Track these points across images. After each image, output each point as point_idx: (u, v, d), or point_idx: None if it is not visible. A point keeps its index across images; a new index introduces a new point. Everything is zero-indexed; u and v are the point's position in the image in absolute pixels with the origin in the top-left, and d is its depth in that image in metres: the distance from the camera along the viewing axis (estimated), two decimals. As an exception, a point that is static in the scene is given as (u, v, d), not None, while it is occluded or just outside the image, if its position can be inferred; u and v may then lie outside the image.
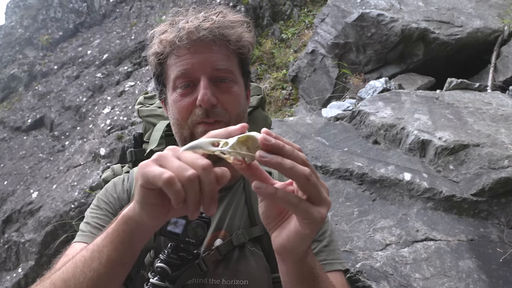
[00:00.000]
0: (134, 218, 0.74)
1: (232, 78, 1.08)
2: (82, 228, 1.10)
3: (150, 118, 1.51)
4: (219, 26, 1.04)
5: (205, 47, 1.03)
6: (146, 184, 0.66)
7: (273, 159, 0.63)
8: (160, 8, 10.23)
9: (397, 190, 2.57)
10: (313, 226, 0.68)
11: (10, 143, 9.45)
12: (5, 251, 7.01)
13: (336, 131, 3.33)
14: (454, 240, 2.22)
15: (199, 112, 1.03)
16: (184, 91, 1.06)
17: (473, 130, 2.80)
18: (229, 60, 1.07)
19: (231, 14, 1.10)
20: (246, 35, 1.10)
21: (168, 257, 0.96)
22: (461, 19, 4.71)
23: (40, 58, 11.48)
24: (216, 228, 1.08)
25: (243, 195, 1.15)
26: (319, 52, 5.62)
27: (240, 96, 1.11)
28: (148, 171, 0.64)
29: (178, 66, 1.05)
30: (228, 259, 1.04)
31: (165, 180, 0.62)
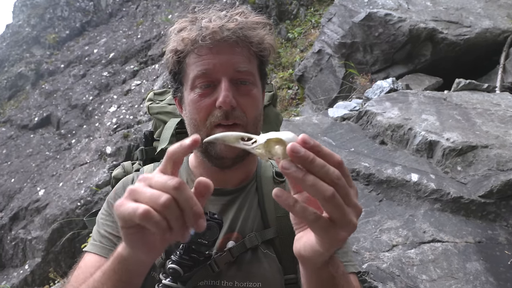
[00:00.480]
0: (127, 257, 0.74)
1: (252, 81, 1.06)
2: (94, 235, 1.10)
3: (161, 115, 1.49)
4: (242, 27, 1.02)
5: (228, 48, 1.01)
6: (125, 224, 0.65)
7: (293, 174, 0.60)
8: (167, 7, 10.25)
9: (404, 191, 2.55)
10: (329, 246, 0.65)
11: (17, 141, 9.53)
12: (12, 248, 7.07)
13: (342, 131, 3.32)
14: (461, 242, 2.20)
15: (218, 114, 1.01)
16: (203, 91, 1.03)
17: (482, 131, 2.78)
18: (250, 62, 1.05)
19: (253, 15, 1.08)
20: (268, 37, 1.08)
21: (180, 258, 0.96)
22: (469, 19, 4.67)
23: (47, 57, 11.57)
24: (228, 230, 1.07)
25: (256, 197, 1.13)
26: (325, 51, 5.60)
27: (259, 99, 1.09)
28: (123, 210, 0.63)
29: (199, 65, 1.02)
30: (240, 261, 1.03)
31: (140, 215, 0.60)
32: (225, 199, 1.11)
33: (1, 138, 9.74)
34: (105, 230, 1.07)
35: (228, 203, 1.11)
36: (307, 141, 0.60)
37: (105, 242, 1.06)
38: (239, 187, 1.13)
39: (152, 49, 9.54)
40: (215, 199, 1.11)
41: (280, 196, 0.63)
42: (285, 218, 1.05)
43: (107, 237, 1.06)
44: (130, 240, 0.68)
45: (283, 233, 1.06)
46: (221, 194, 1.12)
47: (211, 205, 1.10)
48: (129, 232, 0.66)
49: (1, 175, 8.71)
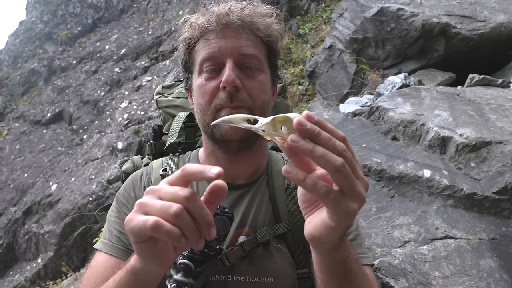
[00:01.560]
0: (141, 270, 0.74)
1: (258, 66, 1.06)
2: (105, 233, 1.11)
3: (169, 109, 1.49)
4: (249, 14, 1.04)
5: (233, 31, 1.03)
6: (137, 239, 0.65)
7: (303, 146, 0.60)
8: (177, 3, 10.27)
9: (416, 187, 2.53)
10: (340, 220, 0.65)
11: (30, 136, 9.66)
12: (25, 241, 7.19)
13: (354, 126, 3.30)
14: (475, 239, 2.17)
15: (223, 95, 1.01)
16: (209, 75, 1.04)
17: (496, 127, 2.74)
18: (256, 48, 1.05)
19: (262, 6, 1.09)
20: (275, 25, 1.09)
21: (191, 253, 0.96)
22: (484, 13, 4.59)
23: (59, 53, 11.69)
24: (239, 225, 1.06)
25: (267, 190, 1.12)
26: (337, 47, 5.56)
27: (266, 84, 1.08)
28: (134, 225, 0.63)
29: (205, 49, 1.03)
30: (252, 256, 1.02)
31: (151, 227, 0.60)
32: (236, 193, 1.11)
33: (15, 134, 9.89)
34: (114, 228, 1.08)
35: (239, 197, 1.10)
36: (311, 116, 0.61)
37: (115, 241, 1.06)
38: (249, 181, 1.13)
39: (163, 45, 9.58)
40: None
41: (290, 172, 0.63)
42: (297, 212, 1.04)
43: (117, 235, 1.06)
44: (143, 254, 0.69)
45: (295, 227, 1.05)
46: (232, 188, 1.10)
47: None
48: (143, 246, 0.66)
49: (15, 170, 8.85)
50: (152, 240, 0.65)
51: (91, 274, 1.01)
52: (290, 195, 1.09)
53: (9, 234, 7.46)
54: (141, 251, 0.68)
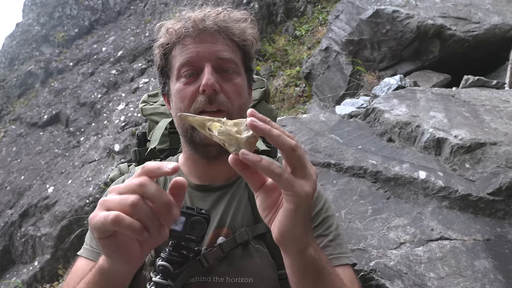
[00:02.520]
0: (108, 269, 0.75)
1: (235, 70, 1.09)
2: (86, 240, 1.12)
3: (153, 116, 1.52)
4: (223, 20, 1.06)
5: (210, 36, 1.05)
6: (100, 234, 0.66)
7: (262, 125, 0.64)
8: (174, 5, 10.27)
9: (412, 189, 2.54)
10: (297, 201, 0.67)
11: (26, 138, 9.63)
12: (22, 244, 7.16)
13: (350, 128, 3.31)
14: (469, 240, 2.19)
15: (202, 99, 1.03)
16: (188, 79, 1.06)
17: (490, 128, 2.76)
18: (233, 52, 1.08)
19: (236, 11, 1.12)
20: (250, 30, 1.12)
21: (169, 255, 0.97)
22: (478, 15, 4.63)
23: (56, 55, 11.66)
24: (218, 226, 1.07)
25: (246, 192, 1.13)
26: (333, 49, 5.58)
27: (243, 88, 1.11)
28: (96, 221, 0.64)
29: (183, 55, 1.06)
30: (231, 257, 1.03)
31: (112, 221, 0.62)
32: (214, 195, 1.12)
33: (11, 136, 9.85)
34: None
35: (217, 199, 1.11)
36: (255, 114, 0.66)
37: (94, 245, 1.08)
38: (227, 183, 1.14)
39: (159, 47, 9.57)
40: (203, 196, 1.12)
41: (246, 154, 0.65)
42: None
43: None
44: (108, 250, 0.69)
45: None
46: (210, 190, 1.13)
47: (200, 201, 1.11)
48: (106, 242, 0.67)
49: (11, 172, 8.81)
50: (114, 235, 0.66)
51: (71, 279, 1.02)
52: None
53: (6, 236, 7.43)
54: (105, 247, 0.68)
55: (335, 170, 2.83)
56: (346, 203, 2.54)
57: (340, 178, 2.76)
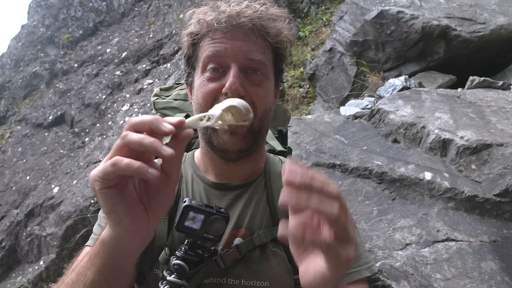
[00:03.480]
0: (111, 234, 0.71)
1: (264, 72, 1.02)
2: (95, 230, 1.09)
3: (166, 111, 1.48)
4: (260, 17, 0.99)
5: (242, 34, 0.98)
6: (102, 184, 0.65)
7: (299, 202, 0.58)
8: (178, 7, 10.30)
9: (418, 190, 2.54)
10: (340, 268, 0.63)
11: (32, 139, 9.69)
12: (28, 244, 7.20)
13: (354, 129, 3.31)
14: (476, 241, 2.18)
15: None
16: (212, 75, 1.00)
17: (496, 130, 2.75)
18: (264, 53, 1.01)
19: (274, 7, 1.05)
20: (286, 31, 1.05)
21: (185, 253, 0.93)
22: (484, 15, 4.61)
23: (61, 57, 11.73)
24: (235, 226, 1.03)
25: (265, 193, 1.09)
26: (337, 50, 5.57)
27: (269, 92, 1.05)
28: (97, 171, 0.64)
29: (211, 47, 0.99)
30: (248, 259, 1.00)
31: (111, 163, 0.62)
32: (232, 194, 1.08)
33: (17, 137, 9.91)
34: (104, 223, 1.04)
35: (235, 199, 1.08)
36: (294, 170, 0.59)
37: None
38: (245, 182, 1.10)
39: (164, 48, 9.61)
40: (220, 194, 1.08)
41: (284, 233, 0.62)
42: None
43: None
44: (111, 203, 0.66)
45: None
46: (227, 189, 1.09)
47: (217, 200, 1.08)
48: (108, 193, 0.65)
49: (17, 173, 8.86)
50: (118, 187, 0.65)
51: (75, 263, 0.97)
52: None
53: (12, 236, 7.47)
54: (107, 199, 0.66)
55: (340, 171, 2.83)
56: (351, 204, 2.54)
57: (345, 179, 2.76)
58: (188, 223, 0.90)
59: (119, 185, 0.66)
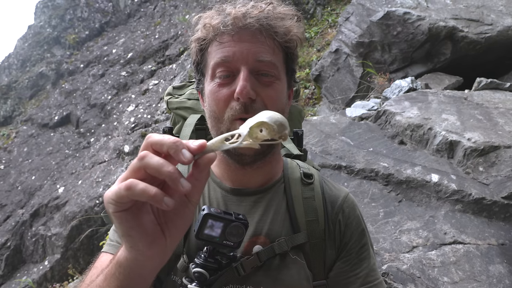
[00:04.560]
0: (128, 256, 0.68)
1: (275, 73, 0.99)
2: (110, 236, 1.07)
3: (180, 111, 1.44)
4: (267, 16, 0.96)
5: (250, 36, 0.95)
6: (117, 207, 0.61)
7: None
8: (184, 7, 10.33)
9: (424, 192, 2.52)
10: None
11: (38, 139, 9.74)
12: (33, 244, 7.24)
13: (360, 131, 3.29)
14: (484, 244, 2.16)
15: (237, 106, 0.95)
16: (222, 81, 0.97)
17: (504, 131, 2.72)
18: (274, 54, 0.98)
19: (282, 6, 1.02)
20: (295, 29, 1.01)
21: (205, 261, 0.92)
22: (491, 17, 4.58)
23: (67, 57, 11.80)
24: (254, 233, 1.02)
25: (284, 199, 1.07)
26: (343, 51, 5.56)
27: (282, 93, 1.02)
28: (110, 193, 0.61)
29: (219, 53, 0.97)
30: (268, 266, 0.99)
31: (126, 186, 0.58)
32: (250, 200, 1.06)
33: (23, 136, 9.98)
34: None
35: (253, 204, 1.06)
36: None
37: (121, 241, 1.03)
38: (264, 188, 1.08)
39: (170, 49, 9.64)
40: (238, 200, 1.06)
41: None
42: (316, 222, 1.02)
43: None
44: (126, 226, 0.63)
45: (314, 238, 1.01)
46: (245, 194, 1.07)
47: (235, 206, 1.06)
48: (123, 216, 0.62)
49: (23, 173, 8.92)
50: (133, 210, 0.62)
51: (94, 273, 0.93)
52: (308, 205, 1.05)
53: (17, 236, 7.51)
54: (122, 223, 0.63)
55: (346, 172, 2.81)
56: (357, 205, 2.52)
57: (351, 180, 2.74)
58: (207, 231, 0.89)
59: (134, 208, 0.63)
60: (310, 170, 1.16)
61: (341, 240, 1.04)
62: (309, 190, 1.07)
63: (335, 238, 1.03)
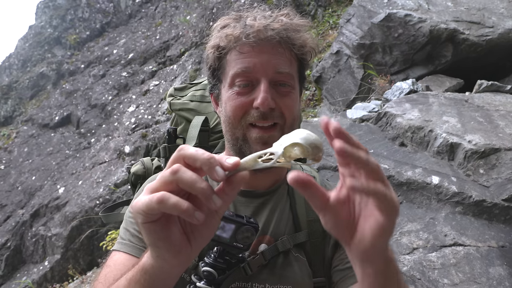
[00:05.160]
0: (152, 266, 0.70)
1: (291, 84, 1.04)
2: (122, 235, 1.08)
3: (183, 112, 1.48)
4: (286, 29, 1.01)
5: (270, 48, 1.00)
6: (145, 218, 0.62)
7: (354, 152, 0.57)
8: (185, 8, 10.35)
9: (425, 194, 2.52)
10: (393, 210, 0.60)
11: (38, 139, 9.75)
12: (33, 244, 7.24)
13: (361, 132, 3.30)
14: (484, 246, 2.16)
15: (255, 113, 1.00)
16: (241, 90, 1.02)
17: (505, 134, 2.73)
18: (291, 65, 1.04)
19: (297, 17, 1.07)
20: (311, 41, 1.07)
21: (214, 261, 0.96)
22: (492, 19, 4.58)
23: (67, 57, 11.82)
24: (260, 233, 1.06)
25: (288, 200, 1.13)
26: (344, 52, 5.56)
27: (297, 101, 1.08)
28: (141, 204, 0.61)
29: (239, 63, 1.01)
30: (272, 264, 1.03)
31: (158, 199, 0.59)
32: (257, 202, 1.11)
33: (23, 137, 9.99)
34: (134, 228, 1.05)
35: (260, 206, 1.11)
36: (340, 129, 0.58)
37: (135, 241, 1.03)
38: (270, 190, 1.13)
39: (171, 49, 9.65)
40: (246, 201, 1.11)
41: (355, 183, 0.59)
42: (316, 222, 1.06)
43: (136, 236, 1.03)
44: (153, 238, 0.64)
45: (314, 237, 1.06)
46: (253, 196, 1.12)
47: (243, 207, 1.10)
48: (151, 227, 0.63)
49: (23, 173, 8.92)
50: (161, 221, 0.63)
51: (109, 272, 0.97)
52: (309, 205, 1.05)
53: (17, 236, 7.52)
54: (150, 234, 0.64)
55: (347, 174, 2.81)
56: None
57: (351, 182, 2.75)
58: (218, 232, 0.92)
59: (162, 219, 0.64)
60: (313, 173, 1.21)
61: None
62: None
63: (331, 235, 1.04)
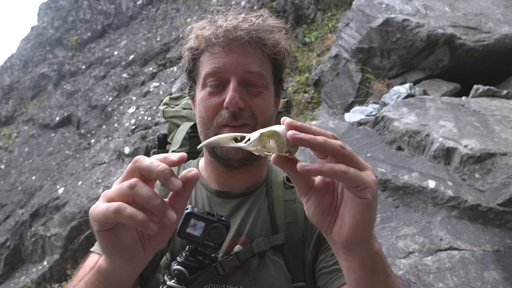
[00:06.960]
0: (107, 268, 0.71)
1: (263, 83, 1.04)
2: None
3: (175, 119, 1.51)
4: (257, 29, 1.01)
5: (240, 47, 1.01)
6: (101, 226, 0.63)
7: (306, 136, 0.60)
8: (186, 11, 10.39)
9: (421, 198, 2.55)
10: (370, 191, 0.62)
11: (38, 139, 9.77)
12: (32, 244, 7.25)
13: (359, 136, 3.33)
14: (479, 250, 2.20)
15: (226, 114, 1.00)
16: (213, 90, 1.03)
17: (500, 139, 2.76)
18: (262, 65, 1.04)
19: (272, 19, 1.07)
20: (283, 41, 1.07)
21: (186, 259, 0.96)
22: (489, 25, 4.63)
23: (69, 58, 11.85)
24: (236, 234, 1.05)
25: (266, 201, 1.10)
26: (342, 56, 5.60)
27: (269, 102, 1.07)
28: (98, 212, 0.62)
29: (210, 63, 1.02)
30: (247, 266, 1.01)
31: (114, 210, 0.59)
32: (234, 202, 1.11)
33: (24, 137, 10.01)
34: None
35: (237, 207, 1.10)
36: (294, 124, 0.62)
37: None
38: (248, 191, 1.12)
39: (171, 51, 9.68)
40: (223, 202, 1.11)
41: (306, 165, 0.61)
42: (295, 224, 1.05)
43: None
44: (108, 245, 0.66)
45: (292, 239, 1.04)
46: (229, 197, 1.11)
47: (219, 207, 1.10)
48: (106, 236, 0.64)
49: (23, 173, 8.94)
50: (116, 230, 0.64)
51: (81, 274, 0.97)
52: (288, 207, 1.08)
53: (16, 236, 7.53)
54: (104, 241, 0.65)
55: (344, 177, 2.84)
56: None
57: (349, 185, 2.78)
58: (189, 230, 0.92)
59: (117, 226, 0.65)
60: None
61: (319, 237, 1.04)
62: (290, 193, 1.11)
63: (311, 238, 1.05)
